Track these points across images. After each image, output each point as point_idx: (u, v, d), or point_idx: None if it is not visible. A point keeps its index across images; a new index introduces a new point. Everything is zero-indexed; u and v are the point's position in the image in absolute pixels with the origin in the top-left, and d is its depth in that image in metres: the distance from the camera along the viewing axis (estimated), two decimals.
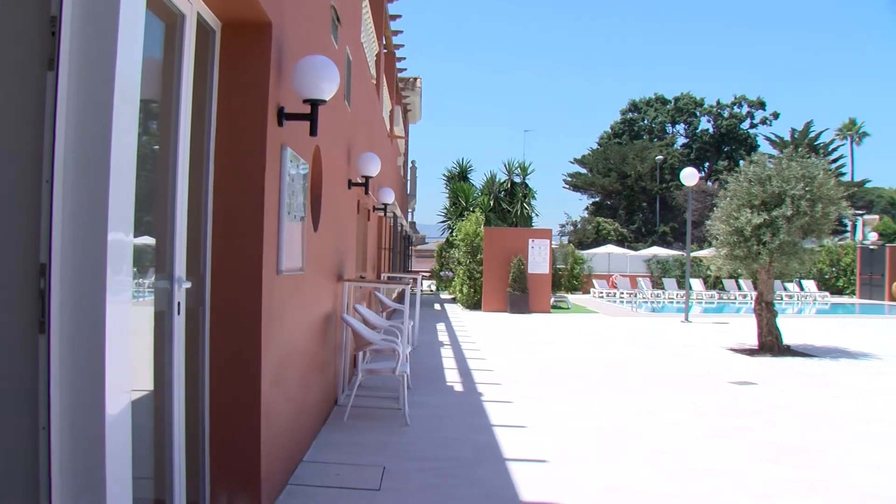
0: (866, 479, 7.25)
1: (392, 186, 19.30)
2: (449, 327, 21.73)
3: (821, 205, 16.08)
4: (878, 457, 8.13)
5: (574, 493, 6.56)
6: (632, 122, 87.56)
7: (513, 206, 39.39)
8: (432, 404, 10.32)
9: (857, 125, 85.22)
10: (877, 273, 43.00)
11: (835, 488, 6.92)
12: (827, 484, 7.04)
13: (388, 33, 22.30)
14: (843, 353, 17.30)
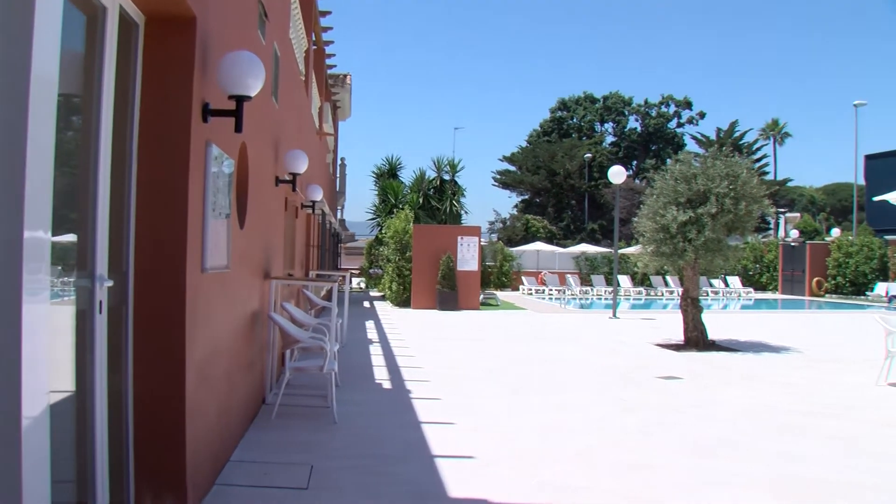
0: (787, 469, 7.41)
1: (321, 184, 19.17)
2: (378, 325, 21.68)
3: (744, 203, 16.36)
4: (799, 448, 8.32)
5: (502, 489, 6.58)
6: (561, 120, 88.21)
7: (442, 203, 39.43)
8: (361, 402, 10.28)
9: (779, 126, 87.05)
10: (798, 269, 43.94)
11: (757, 479, 7.05)
12: (750, 475, 7.17)
13: (317, 29, 22.13)
14: (765, 348, 17.63)
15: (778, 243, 47.60)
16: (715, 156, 17.20)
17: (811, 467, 7.54)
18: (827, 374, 13.93)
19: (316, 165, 19.89)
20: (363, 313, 25.74)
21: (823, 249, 43.78)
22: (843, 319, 27.71)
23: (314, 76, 20.19)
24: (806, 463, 7.70)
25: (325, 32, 24.45)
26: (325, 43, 25.27)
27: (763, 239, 55.30)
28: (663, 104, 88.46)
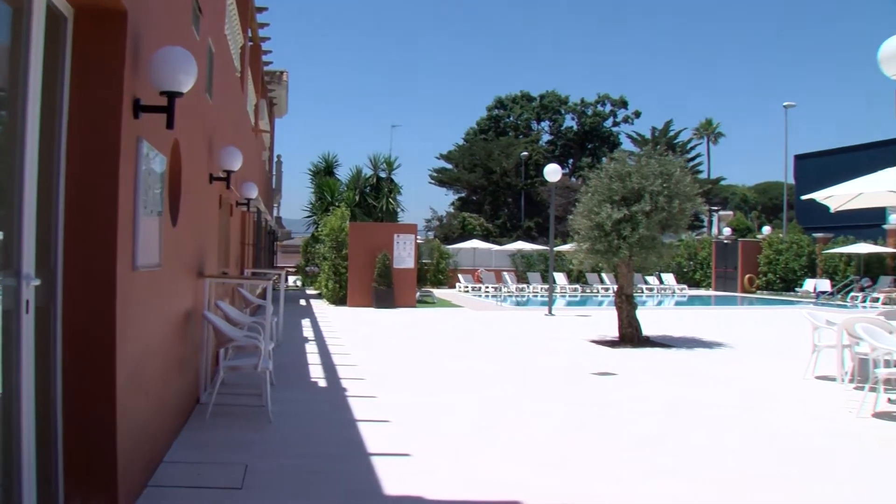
0: (716, 462, 7.55)
1: (256, 181, 19.00)
2: (314, 323, 21.56)
3: (678, 201, 16.57)
4: (728, 441, 8.49)
5: (437, 486, 6.60)
6: (498, 118, 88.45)
7: (379, 201, 39.33)
8: (296, 400, 10.22)
9: (713, 126, 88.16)
10: (731, 266, 44.67)
11: (687, 472, 7.17)
12: (680, 468, 7.29)
13: (253, 26, 21.91)
14: (698, 343, 17.88)
15: (711, 241, 48.34)
16: (649, 154, 17.38)
17: (739, 460, 7.70)
18: (757, 368, 14.18)
19: (251, 163, 19.72)
20: (299, 311, 25.58)
21: (755, 247, 44.55)
22: (774, 315, 28.21)
23: (250, 73, 20.01)
24: (734, 455, 7.86)
25: (261, 29, 24.21)
26: (261, 39, 25.02)
27: (697, 236, 56.20)
28: (599, 103, 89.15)
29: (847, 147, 67.60)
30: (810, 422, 9.59)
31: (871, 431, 9.10)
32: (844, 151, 66.94)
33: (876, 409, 10.08)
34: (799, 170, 72.39)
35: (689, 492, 6.62)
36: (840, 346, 12.14)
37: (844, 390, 11.68)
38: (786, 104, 53.87)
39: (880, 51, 10.38)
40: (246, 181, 15.69)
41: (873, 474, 7.31)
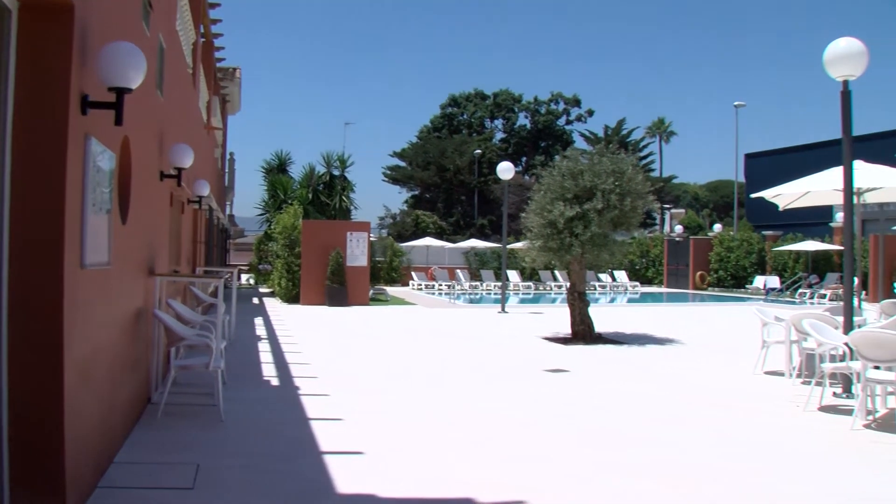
0: (668, 456, 7.64)
1: (209, 178, 18.85)
2: (267, 321, 21.44)
3: (630, 199, 16.69)
4: (679, 435, 8.59)
5: (391, 484, 6.59)
6: (451, 116, 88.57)
7: (332, 198, 39.19)
8: (249, 399, 10.15)
9: (665, 125, 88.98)
10: (682, 263, 45.11)
11: (639, 467, 7.24)
12: (632, 463, 7.36)
13: (206, 21, 21.71)
14: (650, 340, 18.03)
15: (663, 238, 48.79)
16: (601, 153, 17.50)
17: (689, 454, 7.80)
18: (708, 364, 14.33)
19: (203, 160, 19.56)
20: (252, 310, 25.42)
21: (706, 244, 45.03)
22: (725, 311, 28.52)
23: (202, 69, 19.83)
24: (684, 449, 7.97)
25: (214, 25, 23.99)
26: (213, 35, 24.80)
27: (649, 234, 56.63)
28: (553, 101, 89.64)
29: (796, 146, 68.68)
30: (758, 416, 9.72)
31: (818, 425, 9.25)
32: (793, 151, 68.02)
33: (822, 403, 10.25)
34: (749, 168, 73.45)
35: (640, 485, 6.68)
36: (788, 342, 12.32)
37: (792, 385, 11.85)
38: (736, 104, 54.52)
39: (826, 53, 10.55)
40: (198, 178, 15.56)
41: (819, 466, 7.43)
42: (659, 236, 51.64)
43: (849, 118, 10.74)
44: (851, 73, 10.54)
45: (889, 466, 7.48)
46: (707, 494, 6.50)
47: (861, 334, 9.21)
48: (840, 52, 10.44)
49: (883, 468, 7.43)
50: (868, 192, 14.19)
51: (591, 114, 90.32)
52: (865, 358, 9.02)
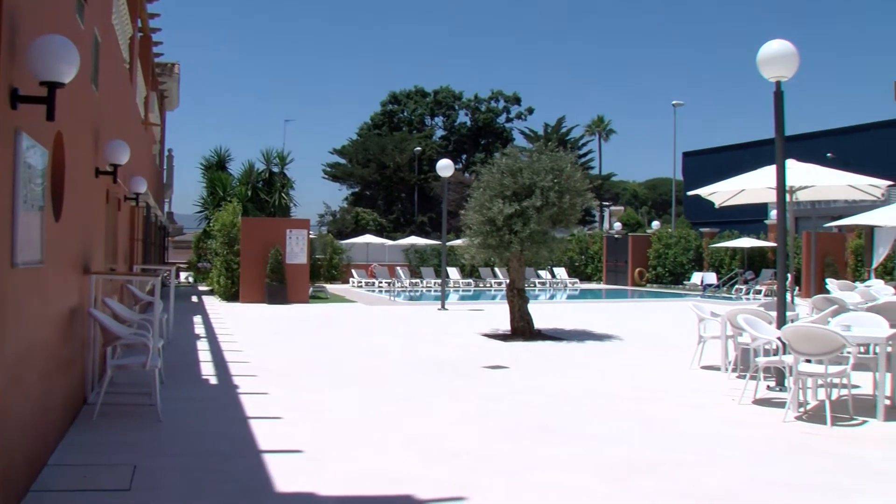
0: (606, 451, 7.73)
1: (146, 175, 18.60)
2: (206, 319, 21.25)
3: (568, 196, 16.82)
4: (618, 430, 8.71)
5: (330, 481, 6.58)
6: (392, 113, 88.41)
7: (271, 196, 38.90)
8: (187, 398, 10.06)
9: (604, 123, 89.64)
10: (621, 260, 45.53)
11: (578, 461, 7.33)
12: (571, 458, 7.45)
13: (143, 16, 21.39)
14: (589, 336, 18.17)
15: (602, 235, 49.22)
16: (540, 150, 17.60)
17: (626, 447, 7.91)
18: (646, 359, 14.50)
19: (141, 156, 19.30)
20: (191, 308, 25.18)
21: (645, 241, 45.49)
22: (663, 307, 28.85)
23: (139, 64, 19.57)
24: (623, 444, 8.07)
25: (151, 19, 23.60)
26: (151, 30, 24.39)
27: (588, 231, 57.09)
28: (493, 99, 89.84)
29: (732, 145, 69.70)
30: (694, 409, 9.88)
31: (752, 418, 9.43)
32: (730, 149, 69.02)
33: (756, 397, 10.45)
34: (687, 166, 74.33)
35: (576, 479, 6.75)
36: (724, 337, 12.51)
37: (728, 379, 12.04)
38: (674, 103, 55.16)
39: (759, 54, 10.73)
40: (135, 175, 15.35)
41: (751, 457, 7.57)
42: (598, 233, 52.09)
43: (781, 118, 10.93)
44: (783, 74, 10.74)
45: (818, 456, 7.66)
46: (641, 486, 6.59)
47: (793, 329, 9.39)
48: (772, 53, 10.62)
49: (812, 458, 7.60)
50: (800, 191, 14.44)
51: (531, 112, 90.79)
52: (797, 352, 9.20)
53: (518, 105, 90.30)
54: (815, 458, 7.58)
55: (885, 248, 26.82)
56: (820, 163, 16.01)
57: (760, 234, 42.36)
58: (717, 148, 73.52)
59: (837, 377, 9.67)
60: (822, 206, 43.63)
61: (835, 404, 9.63)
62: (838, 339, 9.03)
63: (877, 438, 8.39)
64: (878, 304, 13.55)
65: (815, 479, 6.87)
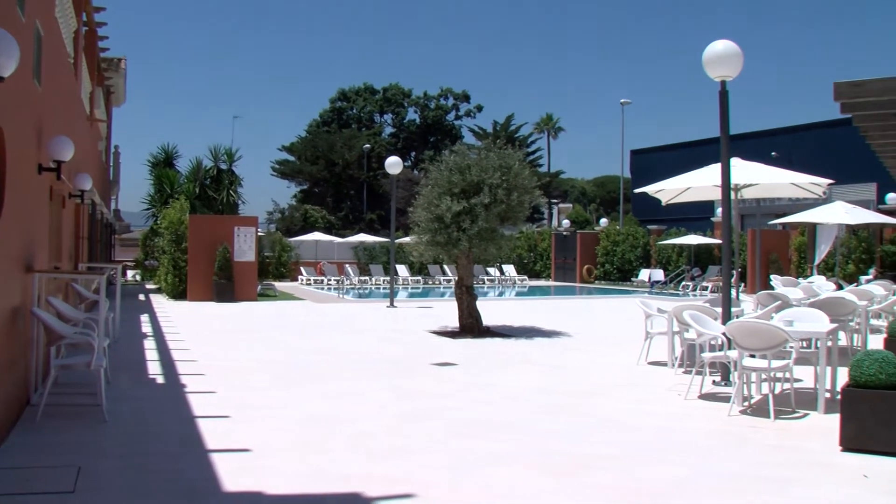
0: (553, 446, 7.81)
1: (92, 172, 18.37)
2: (153, 318, 21.05)
3: (516, 193, 16.91)
4: (564, 426, 8.81)
5: (277, 480, 6.55)
6: (341, 110, 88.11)
7: (219, 193, 38.57)
8: (133, 398, 9.97)
9: (553, 121, 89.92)
10: (570, 257, 45.82)
11: (525, 457, 7.40)
12: (518, 454, 7.52)
13: (88, 9, 21.09)
14: (537, 333, 18.27)
15: (551, 232, 49.46)
16: (489, 148, 17.66)
17: (572, 443, 8.00)
18: (594, 355, 14.62)
19: (86, 153, 19.05)
20: (138, 306, 24.94)
21: (593, 238, 45.82)
22: (611, 304, 29.08)
23: (84, 59, 19.30)
24: (568, 439, 8.16)
25: (97, 13, 23.27)
26: (97, 24, 24.05)
27: (536, 228, 57.34)
28: (442, 97, 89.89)
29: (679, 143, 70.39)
30: (641, 405, 9.99)
31: (697, 411, 9.57)
32: (677, 148, 69.72)
33: (702, 391, 10.59)
34: (634, 164, 74.97)
35: (523, 474, 6.80)
36: (670, 333, 12.65)
37: (674, 374, 12.18)
38: (622, 101, 55.64)
39: (704, 54, 10.85)
40: (80, 172, 15.17)
41: (696, 450, 7.69)
42: (547, 230, 52.32)
43: (726, 117, 11.06)
44: (728, 74, 10.87)
45: (761, 448, 7.80)
46: (587, 481, 6.64)
47: (737, 324, 9.53)
48: (717, 54, 10.75)
49: (755, 450, 7.74)
50: (745, 189, 14.65)
51: (480, 109, 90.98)
52: (741, 347, 9.34)
53: (467, 103, 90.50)
54: (758, 451, 7.71)
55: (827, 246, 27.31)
56: (765, 161, 16.26)
57: (707, 231, 42.84)
58: (664, 146, 74.24)
59: (780, 371, 9.82)
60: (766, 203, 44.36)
61: (778, 398, 9.82)
62: (781, 335, 9.17)
63: (817, 430, 8.54)
64: (819, 299, 13.79)
65: (758, 471, 6.99)
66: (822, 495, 6.35)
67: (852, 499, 6.24)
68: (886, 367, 7.56)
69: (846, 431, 7.67)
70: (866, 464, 7.18)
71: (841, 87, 7.93)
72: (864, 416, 7.56)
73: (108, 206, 35.18)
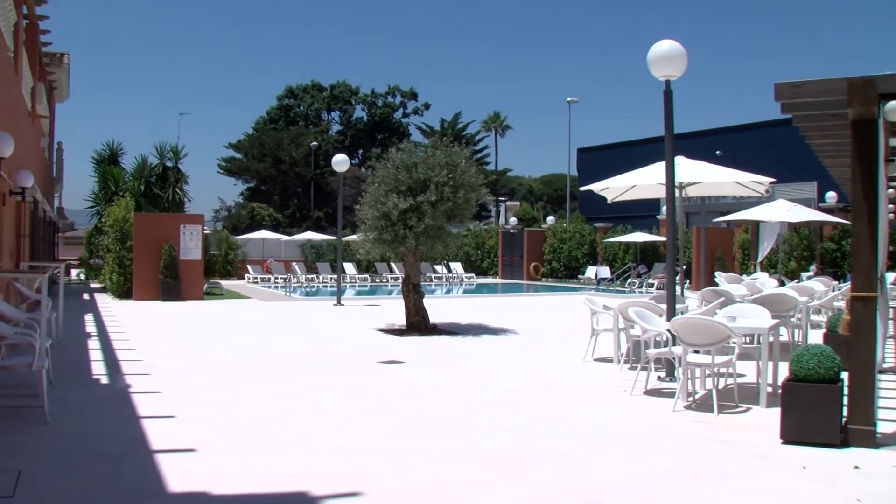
0: (499, 443, 7.84)
1: (33, 169, 18.11)
2: (97, 317, 20.80)
3: (463, 191, 16.99)
4: (511, 422, 8.84)
5: (224, 480, 6.51)
6: (288, 108, 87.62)
7: (165, 191, 38.19)
8: (76, 399, 9.85)
9: (500, 119, 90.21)
10: (517, 255, 46.04)
11: (472, 454, 7.43)
12: (465, 451, 7.54)
13: (29, 2, 20.77)
14: (485, 330, 18.34)
15: (498, 230, 49.67)
16: (436, 145, 17.71)
17: (519, 439, 8.03)
18: (541, 352, 14.71)
19: (27, 149, 18.78)
20: (82, 306, 24.64)
21: (540, 236, 46.07)
22: (558, 301, 29.25)
23: (25, 53, 19.00)
24: (514, 436, 8.19)
25: (39, 6, 22.88)
26: (38, 18, 23.67)
27: (484, 226, 57.54)
28: (389, 94, 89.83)
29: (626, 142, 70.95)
30: (587, 401, 10.07)
31: (642, 407, 9.68)
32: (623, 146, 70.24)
33: (647, 387, 10.72)
34: (581, 162, 75.40)
35: (467, 472, 6.82)
36: (616, 330, 12.78)
37: (620, 371, 12.30)
38: (569, 100, 56.01)
39: (649, 54, 10.98)
40: (21, 169, 14.96)
41: (640, 445, 7.77)
42: (494, 228, 52.55)
43: (671, 116, 11.20)
44: (672, 74, 11.01)
45: (704, 442, 7.91)
46: (533, 477, 6.68)
47: (681, 321, 9.65)
48: (662, 53, 10.88)
49: (699, 444, 7.85)
50: (689, 187, 14.83)
51: (428, 107, 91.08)
52: (686, 343, 9.46)
53: (415, 100, 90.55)
54: (701, 445, 7.81)
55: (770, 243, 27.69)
56: (709, 160, 16.46)
57: (653, 228, 43.29)
58: (610, 144, 74.74)
59: (724, 367, 9.99)
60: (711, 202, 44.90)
61: (721, 393, 9.94)
62: (724, 331, 9.30)
63: (759, 424, 8.67)
64: (762, 296, 14.00)
65: (701, 464, 7.09)
66: (762, 487, 6.46)
67: (791, 490, 6.35)
68: (825, 362, 7.72)
69: (786, 424, 7.81)
70: (806, 455, 7.32)
71: (781, 87, 8.03)
72: (803, 409, 7.71)
73: (51, 203, 34.69)
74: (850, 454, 7.38)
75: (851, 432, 7.67)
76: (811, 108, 8.69)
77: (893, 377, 11.69)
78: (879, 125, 7.74)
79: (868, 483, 6.54)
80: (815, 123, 9.80)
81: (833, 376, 7.72)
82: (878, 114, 7.67)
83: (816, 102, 8.40)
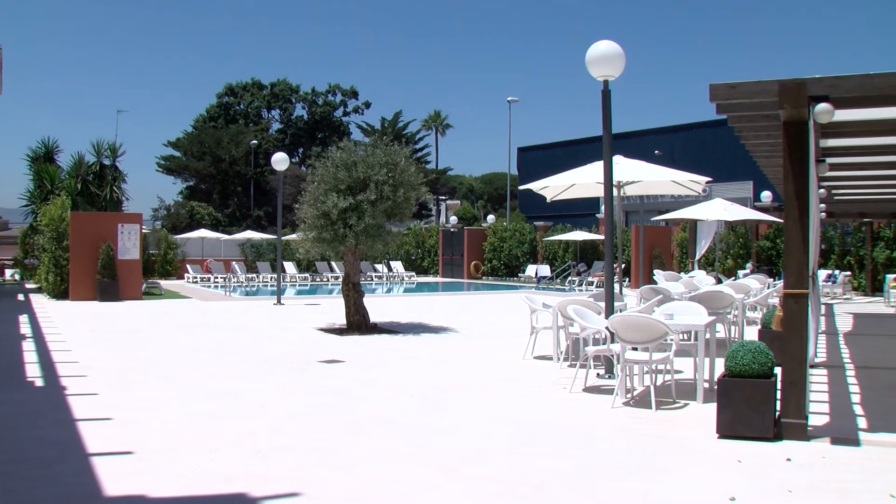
0: (436, 441, 7.89)
1: None
2: (33, 318, 20.47)
3: (403, 190, 17.00)
4: (449, 421, 8.88)
5: (161, 483, 6.45)
6: (228, 105, 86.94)
7: (102, 189, 37.59)
8: (9, 402, 9.70)
9: (441, 118, 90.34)
10: (457, 254, 46.17)
11: (409, 452, 7.47)
12: (403, 449, 7.58)
13: None
14: (425, 329, 18.37)
15: (438, 229, 49.77)
16: (375, 144, 17.70)
17: (457, 438, 8.08)
18: (481, 351, 14.77)
19: None
20: (17, 306, 24.26)
21: (480, 235, 46.25)
22: (498, 300, 29.43)
23: None
24: (453, 434, 8.24)
25: None
26: None
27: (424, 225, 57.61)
28: (330, 93, 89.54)
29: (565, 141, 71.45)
30: (527, 399, 10.14)
31: (582, 404, 9.76)
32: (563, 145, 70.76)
33: (587, 384, 10.83)
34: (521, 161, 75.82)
35: (409, 472, 6.82)
36: (555, 328, 12.86)
37: (559, 368, 12.40)
38: (509, 99, 56.37)
39: (587, 54, 11.08)
40: None
41: (580, 441, 7.86)
42: (434, 227, 52.69)
43: (608, 115, 11.32)
44: (611, 74, 11.14)
45: (643, 439, 8.01)
46: (472, 475, 6.72)
47: (620, 318, 9.76)
48: (600, 54, 10.99)
49: (637, 440, 7.96)
50: (628, 186, 14.98)
51: (368, 106, 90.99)
52: (624, 340, 9.57)
53: (355, 99, 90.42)
54: (639, 440, 7.92)
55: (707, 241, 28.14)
56: (648, 159, 16.64)
57: (592, 227, 43.64)
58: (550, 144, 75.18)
59: (661, 363, 10.12)
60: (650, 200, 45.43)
61: (659, 389, 10.11)
62: (661, 328, 9.43)
63: (696, 419, 8.81)
64: (699, 293, 14.23)
65: (639, 459, 7.19)
66: (697, 480, 6.57)
67: (726, 482, 6.46)
68: (759, 357, 7.88)
69: (722, 419, 7.95)
70: (740, 449, 7.46)
71: (717, 88, 8.17)
72: (738, 404, 7.85)
73: None
74: (783, 447, 7.55)
75: (784, 426, 7.84)
76: (745, 108, 8.84)
77: (824, 372, 11.96)
78: (810, 126, 7.90)
79: (799, 474, 6.69)
80: (749, 124, 9.97)
81: (767, 372, 7.88)
82: (809, 115, 7.83)
83: (750, 104, 8.55)
